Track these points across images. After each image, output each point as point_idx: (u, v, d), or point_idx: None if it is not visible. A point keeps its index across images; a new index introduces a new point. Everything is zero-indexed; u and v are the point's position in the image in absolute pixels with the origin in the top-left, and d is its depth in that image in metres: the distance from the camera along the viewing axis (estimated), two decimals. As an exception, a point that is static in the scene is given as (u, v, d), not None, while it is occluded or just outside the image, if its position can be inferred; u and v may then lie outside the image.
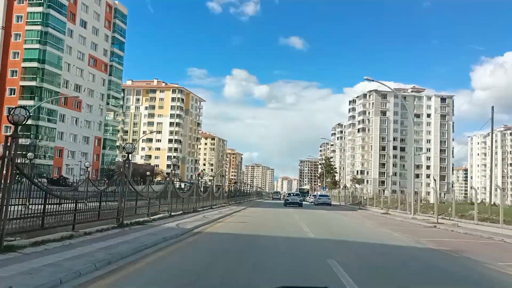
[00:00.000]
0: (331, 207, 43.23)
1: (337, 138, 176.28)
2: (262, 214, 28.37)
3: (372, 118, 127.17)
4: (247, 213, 27.78)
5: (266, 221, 22.31)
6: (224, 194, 43.72)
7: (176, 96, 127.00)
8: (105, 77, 75.05)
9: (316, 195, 54.31)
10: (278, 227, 18.66)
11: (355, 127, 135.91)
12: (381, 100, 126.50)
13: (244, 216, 25.27)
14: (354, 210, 39.99)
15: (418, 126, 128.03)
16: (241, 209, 31.44)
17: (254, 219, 23.38)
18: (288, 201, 43.63)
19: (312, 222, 22.77)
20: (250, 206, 37.28)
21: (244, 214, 27.10)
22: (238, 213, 27.36)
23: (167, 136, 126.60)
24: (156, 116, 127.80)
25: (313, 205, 48.88)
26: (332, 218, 27.51)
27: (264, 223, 21.18)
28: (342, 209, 40.43)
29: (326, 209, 38.34)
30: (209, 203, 32.22)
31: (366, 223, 24.16)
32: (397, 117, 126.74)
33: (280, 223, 21.34)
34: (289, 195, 47.45)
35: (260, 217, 25.47)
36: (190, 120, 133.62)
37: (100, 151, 74.73)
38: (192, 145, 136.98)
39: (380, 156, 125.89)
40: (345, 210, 39.89)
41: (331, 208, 40.71)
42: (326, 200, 47.49)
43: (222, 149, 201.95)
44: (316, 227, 19.74)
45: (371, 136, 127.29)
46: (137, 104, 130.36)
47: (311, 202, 59.01)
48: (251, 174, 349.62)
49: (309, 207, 43.60)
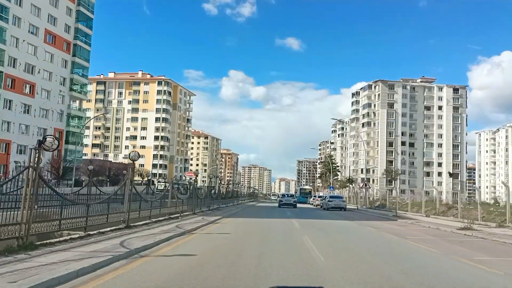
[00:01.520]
0: (350, 213, 30.91)
1: (338, 135, 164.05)
2: (238, 237, 14.54)
3: (378, 111, 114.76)
4: (192, 244, 14.21)
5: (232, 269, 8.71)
6: (200, 196, 31.59)
7: (162, 89, 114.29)
8: (67, 57, 62.35)
9: (325, 196, 40.91)
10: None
11: (359, 122, 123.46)
12: (388, 91, 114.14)
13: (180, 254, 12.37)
14: (389, 218, 26.68)
15: (429, 119, 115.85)
16: (199, 226, 16.98)
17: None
18: (282, 202, 42.73)
19: (356, 262, 9.54)
20: (229, 215, 24.24)
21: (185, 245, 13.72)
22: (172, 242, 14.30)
23: (153, 133, 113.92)
24: (140, 111, 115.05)
25: (320, 210, 36.58)
26: (387, 245, 13.77)
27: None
28: (371, 218, 27.39)
29: (347, 218, 25.53)
30: (165, 210, 19.96)
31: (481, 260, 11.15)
32: (406, 110, 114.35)
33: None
34: (283, 196, 46.72)
35: (228, 249, 11.85)
36: (178, 115, 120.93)
37: (63, 145, 61.97)
38: (182, 143, 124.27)
39: (387, 152, 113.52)
40: (376, 219, 26.47)
41: (351, 215, 28.16)
42: (339, 203, 34.87)
43: (216, 149, 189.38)
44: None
45: (377, 130, 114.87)
46: (120, 98, 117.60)
47: (317, 205, 46.43)
48: (248, 175, 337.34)
49: (318, 213, 31.07)
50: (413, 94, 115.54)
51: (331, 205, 34.34)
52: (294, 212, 28.96)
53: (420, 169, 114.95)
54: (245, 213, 25.94)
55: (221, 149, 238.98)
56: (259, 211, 29.50)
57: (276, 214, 27.13)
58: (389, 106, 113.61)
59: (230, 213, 24.81)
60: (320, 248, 10.73)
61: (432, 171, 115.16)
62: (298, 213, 28.76)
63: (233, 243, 12.49)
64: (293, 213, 28.78)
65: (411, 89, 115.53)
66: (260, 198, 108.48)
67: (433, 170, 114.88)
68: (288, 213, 27.65)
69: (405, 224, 21.92)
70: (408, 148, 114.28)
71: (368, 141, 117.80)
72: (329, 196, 36.33)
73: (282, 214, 26.40)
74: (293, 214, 27.31)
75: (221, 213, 23.89)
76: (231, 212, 26.07)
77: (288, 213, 27.61)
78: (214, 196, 39.29)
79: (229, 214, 23.96)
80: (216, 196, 39.28)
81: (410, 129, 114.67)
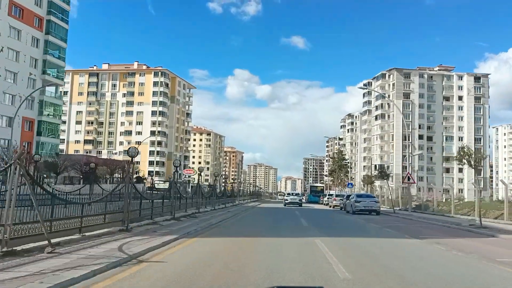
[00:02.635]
0: (390, 219, 21.25)
1: (347, 131, 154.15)
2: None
3: (393, 102, 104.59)
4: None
5: None
6: (186, 195, 22.86)
7: (159, 80, 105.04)
8: (39, 35, 53.18)
9: (347, 195, 30.11)
10: None
11: (371, 114, 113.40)
12: (403, 80, 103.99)
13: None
14: (471, 231, 15.53)
15: (448, 110, 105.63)
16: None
17: None
18: (287, 201, 42.91)
19: None
20: (206, 228, 13.32)
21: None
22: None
23: (149, 127, 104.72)
24: (135, 104, 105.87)
25: (343, 213, 27.02)
26: None
27: None
28: (435, 229, 16.81)
29: (400, 230, 15.21)
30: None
31: None
32: (423, 101, 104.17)
33: None
34: (289, 195, 46.94)
35: None
36: (177, 109, 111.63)
37: (34, 137, 52.88)
38: (181, 138, 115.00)
39: (403, 147, 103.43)
40: (451, 232, 15.11)
41: (397, 224, 18.16)
42: (371, 204, 24.80)
43: (220, 146, 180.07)
44: None
45: (392, 123, 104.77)
46: (114, 90, 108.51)
47: (334, 206, 36.72)
48: (254, 174, 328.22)
49: (344, 220, 21.23)
50: (431, 83, 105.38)
51: (360, 206, 24.65)
52: (310, 219, 19.51)
53: (439, 164, 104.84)
54: (234, 224, 16.50)
55: (226, 147, 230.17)
56: (257, 219, 19.89)
57: (283, 223, 17.50)
58: (404, 97, 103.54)
59: (209, 224, 15.31)
60: None
61: (452, 167, 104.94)
62: (315, 220, 19.27)
63: None
64: (308, 220, 19.26)
65: (429, 78, 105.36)
66: (265, 197, 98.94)
67: (453, 166, 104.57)
68: (302, 221, 18.09)
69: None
70: (426, 142, 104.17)
71: (382, 135, 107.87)
72: (355, 195, 26.38)
73: (294, 223, 16.93)
74: (309, 222, 17.76)
75: (191, 225, 14.37)
76: (215, 221, 16.62)
77: (303, 222, 18.03)
78: (207, 195, 30.27)
79: (206, 226, 14.49)
80: (209, 196, 30.12)
81: (428, 122, 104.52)
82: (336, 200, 36.96)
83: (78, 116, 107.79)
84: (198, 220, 16.62)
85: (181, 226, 13.78)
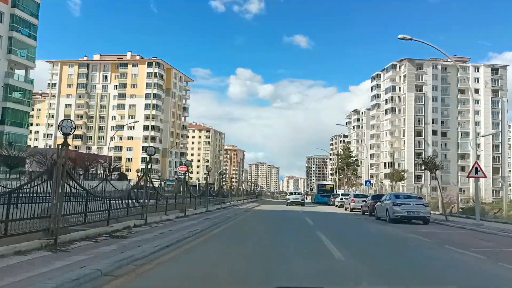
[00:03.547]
0: (463, 236, 13.32)
1: (353, 127, 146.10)
2: None
3: (404, 95, 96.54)
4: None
5: None
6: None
7: (153, 71, 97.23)
8: (3, 9, 45.49)
9: (384, 196, 20.31)
10: None
11: (380, 109, 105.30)
12: (415, 71, 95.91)
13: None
14: None
15: (463, 104, 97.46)
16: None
17: None
18: (289, 200, 41.63)
19: None
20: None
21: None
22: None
23: (142, 121, 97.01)
24: (128, 96, 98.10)
25: (373, 221, 19.03)
26: None
27: None
28: None
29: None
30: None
31: None
32: (437, 93, 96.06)
33: None
34: (291, 194, 45.55)
35: None
36: (173, 102, 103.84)
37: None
38: (177, 134, 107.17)
39: (415, 143, 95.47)
40: None
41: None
42: (418, 208, 16.43)
43: (220, 143, 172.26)
44: None
45: (403, 118, 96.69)
46: (105, 82, 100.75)
47: (353, 209, 28.38)
48: (255, 173, 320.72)
49: (390, 236, 13.47)
50: (445, 75, 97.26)
51: (401, 212, 16.39)
52: (334, 234, 11.61)
53: (454, 162, 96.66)
54: (201, 248, 8.60)
55: (226, 145, 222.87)
56: (244, 236, 11.93)
57: (291, 248, 9.41)
58: (417, 89, 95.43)
59: (148, 252, 7.48)
60: None
61: (468, 165, 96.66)
62: (345, 238, 11.38)
63: None
64: (332, 236, 11.29)
65: (443, 69, 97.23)
66: (266, 197, 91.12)
67: (469, 163, 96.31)
68: (325, 243, 10.09)
69: None
70: (440, 138, 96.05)
71: (392, 131, 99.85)
72: (392, 196, 18.00)
73: (310, 249, 8.94)
74: (337, 243, 9.82)
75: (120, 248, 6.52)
76: (173, 237, 8.82)
77: (326, 243, 10.04)
78: (187, 195, 22.57)
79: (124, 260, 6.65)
80: (200, 195, 22.51)
81: (442, 116, 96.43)
82: (355, 202, 28.97)
83: (67, 109, 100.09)
84: (149, 235, 8.82)
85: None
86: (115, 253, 7.05)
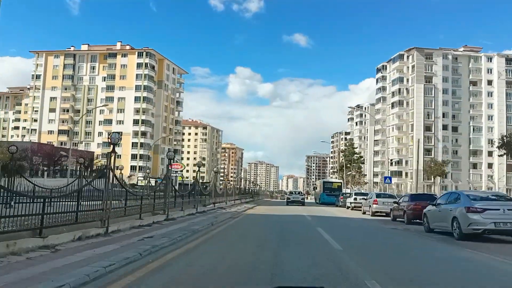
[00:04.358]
0: None
1: (355, 124, 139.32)
2: None
3: (413, 87, 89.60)
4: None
5: None
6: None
7: (144, 62, 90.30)
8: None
9: (443, 197, 13.47)
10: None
11: (386, 102, 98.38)
12: (424, 61, 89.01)
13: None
14: None
15: (476, 97, 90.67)
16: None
17: None
18: (290, 199, 40.77)
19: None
20: None
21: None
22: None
23: (132, 115, 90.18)
24: (116, 89, 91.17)
25: (424, 237, 12.15)
26: None
27: None
28: None
29: None
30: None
31: None
32: (447, 85, 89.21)
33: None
34: (291, 194, 44.46)
35: None
36: (165, 96, 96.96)
37: None
38: (170, 129, 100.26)
39: (424, 138, 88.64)
40: None
41: None
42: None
43: (217, 141, 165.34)
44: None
45: (412, 111, 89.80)
46: (92, 74, 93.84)
47: (376, 213, 20.84)
48: (254, 172, 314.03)
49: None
50: (456, 65, 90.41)
51: (486, 224, 9.24)
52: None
53: (466, 159, 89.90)
54: None
55: (225, 144, 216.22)
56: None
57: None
58: (426, 81, 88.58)
59: None
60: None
61: (480, 162, 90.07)
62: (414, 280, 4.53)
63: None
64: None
65: (453, 59, 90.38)
66: (265, 196, 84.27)
67: (481, 160, 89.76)
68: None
69: None
70: (450, 133, 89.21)
71: (400, 125, 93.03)
72: (465, 196, 10.80)
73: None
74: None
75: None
76: None
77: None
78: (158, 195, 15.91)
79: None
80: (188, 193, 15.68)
81: (453, 110, 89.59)
82: (379, 204, 21.96)
83: (52, 103, 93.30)
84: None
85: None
86: None
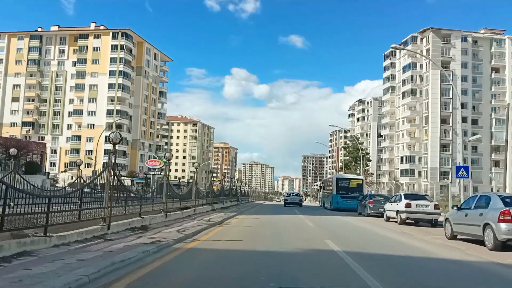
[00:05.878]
0: None
1: (357, 120, 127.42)
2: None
3: (427, 73, 77.72)
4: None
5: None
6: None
7: (119, 43, 77.89)
8: None
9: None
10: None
11: (395, 92, 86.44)
12: (441, 44, 77.17)
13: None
14: None
15: (498, 85, 78.98)
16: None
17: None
18: (287, 201, 40.59)
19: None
20: None
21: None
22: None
23: (106, 105, 77.69)
24: (88, 75, 78.62)
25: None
26: None
27: None
28: None
29: None
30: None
31: None
32: (467, 72, 77.42)
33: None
34: (289, 195, 44.97)
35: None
36: (145, 84, 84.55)
37: None
38: (151, 122, 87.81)
39: (441, 132, 76.83)
40: None
41: None
42: None
43: (208, 139, 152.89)
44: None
45: (426, 102, 77.89)
46: (61, 58, 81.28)
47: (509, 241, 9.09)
48: (249, 173, 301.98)
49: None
50: (476, 49, 78.67)
51: None
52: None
53: (487, 156, 78.15)
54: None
55: (218, 143, 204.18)
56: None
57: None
58: (443, 66, 76.77)
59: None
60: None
61: (502, 159, 78.14)
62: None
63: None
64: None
65: (473, 42, 78.67)
66: (258, 198, 71.92)
67: (503, 158, 77.78)
68: None
69: None
70: (470, 126, 77.25)
71: (411, 118, 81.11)
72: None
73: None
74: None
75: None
76: None
77: None
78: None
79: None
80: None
81: (473, 100, 77.84)
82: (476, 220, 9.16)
83: (15, 91, 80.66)
84: None
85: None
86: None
